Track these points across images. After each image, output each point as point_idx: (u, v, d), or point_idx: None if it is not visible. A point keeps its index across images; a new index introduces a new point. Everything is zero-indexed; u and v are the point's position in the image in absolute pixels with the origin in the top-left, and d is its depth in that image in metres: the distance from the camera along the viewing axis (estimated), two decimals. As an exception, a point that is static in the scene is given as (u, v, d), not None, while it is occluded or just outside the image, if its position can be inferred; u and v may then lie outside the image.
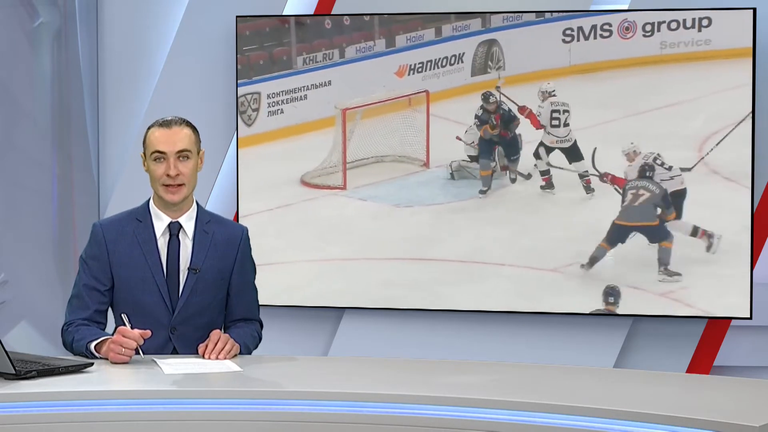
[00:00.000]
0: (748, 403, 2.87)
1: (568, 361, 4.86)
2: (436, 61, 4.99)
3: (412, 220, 5.08)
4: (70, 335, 3.37)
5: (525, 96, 4.95)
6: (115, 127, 5.39)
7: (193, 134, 3.43)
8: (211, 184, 5.24)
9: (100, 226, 3.49)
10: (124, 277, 3.43)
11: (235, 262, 3.50)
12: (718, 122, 4.82)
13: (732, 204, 4.81)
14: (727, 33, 4.78)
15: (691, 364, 4.98)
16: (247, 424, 2.84)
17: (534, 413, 2.76)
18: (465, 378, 3.13)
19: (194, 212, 3.48)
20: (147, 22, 5.35)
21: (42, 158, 5.32)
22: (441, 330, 5.12)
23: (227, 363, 3.25)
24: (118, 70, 5.38)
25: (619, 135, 4.89)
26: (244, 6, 5.20)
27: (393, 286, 5.10)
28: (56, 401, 2.83)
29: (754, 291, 4.81)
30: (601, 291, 4.91)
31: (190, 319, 3.44)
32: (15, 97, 5.29)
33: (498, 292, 4.99)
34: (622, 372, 4.14)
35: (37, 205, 5.34)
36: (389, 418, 2.82)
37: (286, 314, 5.19)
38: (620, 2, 5.00)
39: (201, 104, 5.18)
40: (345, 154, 5.09)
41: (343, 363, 3.63)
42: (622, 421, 2.68)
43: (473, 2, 5.06)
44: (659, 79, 4.87)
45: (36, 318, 5.31)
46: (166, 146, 3.37)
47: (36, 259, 5.34)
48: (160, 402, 2.86)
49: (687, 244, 4.86)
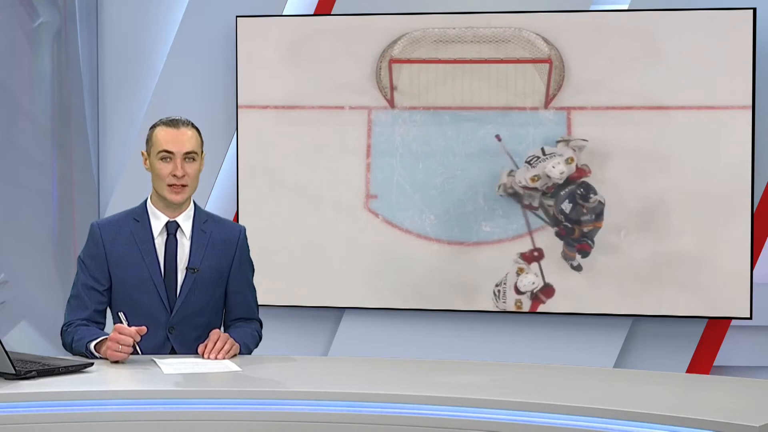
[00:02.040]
0: (748, 403, 2.87)
1: (568, 361, 4.86)
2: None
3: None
4: (69, 336, 3.38)
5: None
6: (115, 127, 5.39)
7: (199, 136, 3.44)
8: (211, 184, 5.24)
9: (97, 226, 3.49)
10: (121, 277, 3.43)
11: (233, 262, 3.50)
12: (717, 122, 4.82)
13: (732, 204, 4.81)
14: (727, 33, 4.78)
15: (691, 364, 4.98)
16: (246, 424, 2.84)
17: (534, 413, 2.76)
18: (465, 378, 3.13)
19: (191, 211, 3.48)
20: (147, 22, 5.35)
21: (42, 158, 5.32)
22: (441, 330, 5.12)
23: (226, 363, 3.25)
24: (118, 70, 5.38)
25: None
26: (244, 6, 5.20)
27: (393, 286, 5.10)
28: (56, 401, 2.83)
29: (754, 291, 4.81)
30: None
31: (188, 318, 3.44)
32: (15, 97, 5.29)
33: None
34: (622, 372, 4.14)
35: (37, 205, 5.33)
36: (389, 418, 2.82)
37: (286, 314, 5.20)
38: (620, 2, 5.01)
39: (201, 104, 5.18)
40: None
41: (343, 363, 3.63)
42: (622, 421, 2.68)
43: (474, 2, 5.07)
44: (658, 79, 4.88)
45: (36, 318, 5.31)
46: (174, 146, 3.38)
47: (36, 259, 5.34)
48: (160, 402, 2.86)
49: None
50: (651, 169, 4.89)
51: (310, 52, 5.12)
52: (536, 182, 4.96)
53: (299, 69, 5.13)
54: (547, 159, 4.95)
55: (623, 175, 4.91)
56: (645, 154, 4.89)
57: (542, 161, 4.96)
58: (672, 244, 4.88)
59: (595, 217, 4.94)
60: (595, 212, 4.94)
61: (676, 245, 4.88)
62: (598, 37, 4.91)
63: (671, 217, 4.89)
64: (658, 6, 4.88)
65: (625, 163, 4.91)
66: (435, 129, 5.05)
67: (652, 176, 4.89)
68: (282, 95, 5.15)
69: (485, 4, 5.05)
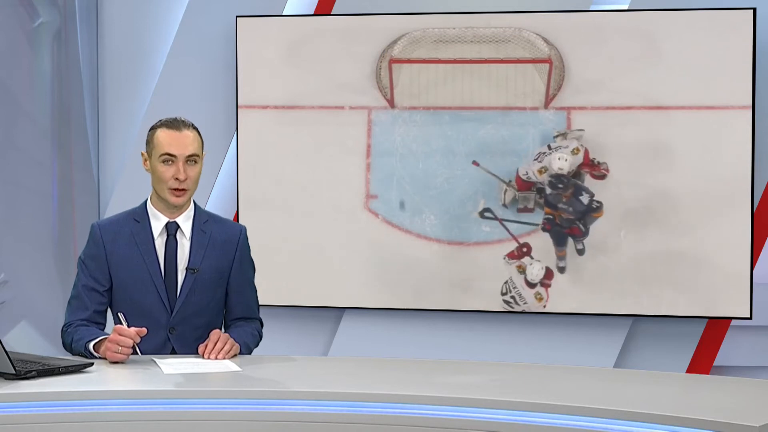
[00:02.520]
0: (748, 403, 2.87)
1: (568, 361, 4.86)
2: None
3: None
4: (69, 336, 3.38)
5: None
6: (115, 127, 5.39)
7: (200, 138, 3.44)
8: (211, 184, 5.24)
9: (98, 226, 3.49)
10: (122, 278, 3.43)
11: (233, 262, 3.50)
12: (717, 122, 4.83)
13: (732, 204, 4.81)
14: (727, 33, 4.78)
15: (691, 364, 4.98)
16: (246, 424, 2.84)
17: (534, 413, 2.76)
18: (465, 378, 3.13)
19: (191, 212, 3.48)
20: (147, 22, 5.35)
21: (42, 158, 5.32)
22: (441, 330, 5.12)
23: (227, 363, 3.25)
24: (118, 70, 5.38)
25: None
26: (244, 6, 5.20)
27: (393, 286, 5.10)
28: (56, 401, 2.83)
29: (754, 291, 4.81)
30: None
31: (189, 319, 3.44)
32: (15, 97, 5.29)
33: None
34: (622, 372, 4.14)
35: (37, 205, 5.33)
36: (389, 418, 2.82)
37: (286, 314, 5.20)
38: (620, 2, 5.01)
39: (201, 104, 5.18)
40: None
41: (343, 363, 3.63)
42: (622, 421, 2.68)
43: (474, 2, 5.07)
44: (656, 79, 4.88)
45: (36, 318, 5.31)
46: (177, 149, 3.37)
47: (36, 259, 5.34)
48: (159, 402, 2.86)
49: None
50: (651, 169, 4.89)
51: (310, 52, 5.12)
52: (543, 174, 4.95)
53: (299, 69, 5.13)
54: (553, 152, 4.95)
55: (623, 175, 4.91)
56: (645, 154, 4.89)
57: (548, 155, 4.95)
58: (672, 244, 4.88)
59: (594, 209, 4.93)
60: (592, 207, 4.93)
61: (676, 245, 4.88)
62: (598, 37, 4.91)
63: (671, 217, 4.88)
64: (658, 6, 4.88)
65: (625, 163, 4.91)
66: (435, 129, 5.05)
67: (652, 176, 4.89)
68: (282, 95, 5.15)
69: (485, 4, 5.05)
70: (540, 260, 4.98)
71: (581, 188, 4.93)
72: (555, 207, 4.96)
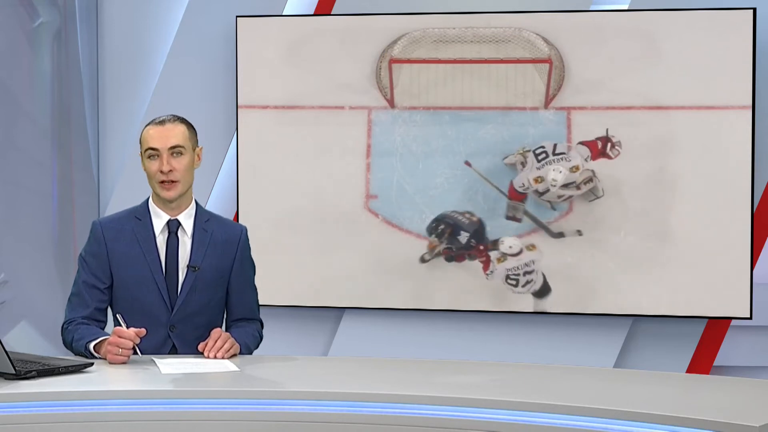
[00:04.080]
0: (748, 403, 2.87)
1: (568, 361, 4.86)
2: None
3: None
4: (69, 334, 3.38)
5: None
6: (115, 127, 5.39)
7: (188, 130, 3.43)
8: (211, 184, 5.24)
9: (99, 224, 3.49)
10: (123, 276, 3.43)
11: (234, 262, 3.50)
12: (717, 122, 4.83)
13: (732, 204, 4.81)
14: (727, 33, 4.78)
15: (691, 364, 4.98)
16: (246, 424, 2.84)
17: (534, 413, 2.76)
18: (465, 378, 3.13)
19: (193, 210, 3.48)
20: (147, 22, 5.35)
21: (42, 158, 5.32)
22: (441, 330, 5.12)
23: (226, 363, 3.25)
24: (118, 70, 5.39)
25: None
26: (244, 6, 5.20)
27: (393, 286, 5.10)
28: (56, 401, 2.83)
29: (754, 291, 4.81)
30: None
31: (189, 317, 3.44)
32: (15, 97, 5.29)
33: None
34: (622, 372, 4.14)
35: (37, 205, 5.34)
36: (389, 418, 2.82)
37: (286, 314, 5.20)
38: (620, 2, 5.01)
39: (201, 104, 5.18)
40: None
41: (343, 363, 3.63)
42: (622, 421, 2.67)
43: (474, 2, 5.07)
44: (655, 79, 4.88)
45: (36, 318, 5.31)
46: (159, 143, 3.38)
47: (36, 259, 5.34)
48: (159, 402, 2.86)
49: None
50: (651, 169, 4.89)
51: (310, 52, 5.12)
52: (539, 184, 4.95)
53: (299, 69, 5.13)
54: (553, 162, 4.93)
55: (623, 175, 4.91)
56: (645, 154, 4.89)
57: (548, 163, 4.94)
58: (672, 244, 4.88)
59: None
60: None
61: (676, 245, 4.88)
62: (598, 37, 4.91)
63: (671, 216, 4.88)
64: (658, 6, 4.88)
65: (624, 162, 4.91)
66: (435, 129, 5.05)
67: (651, 176, 4.89)
68: (282, 95, 5.15)
69: (485, 4, 5.05)
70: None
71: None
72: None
